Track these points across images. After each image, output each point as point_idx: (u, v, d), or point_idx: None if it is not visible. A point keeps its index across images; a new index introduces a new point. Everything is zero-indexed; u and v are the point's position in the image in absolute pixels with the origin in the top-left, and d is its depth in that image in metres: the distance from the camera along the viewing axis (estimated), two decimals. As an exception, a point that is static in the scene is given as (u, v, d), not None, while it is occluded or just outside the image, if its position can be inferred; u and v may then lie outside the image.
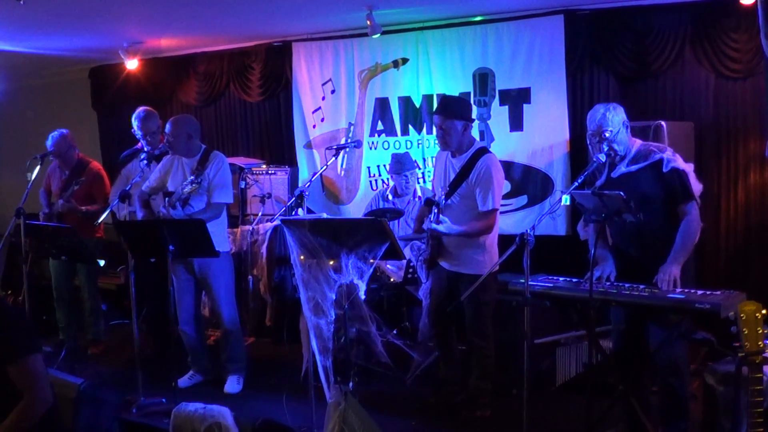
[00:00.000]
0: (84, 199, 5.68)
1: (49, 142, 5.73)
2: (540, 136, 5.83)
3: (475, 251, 4.23)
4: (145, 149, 5.45)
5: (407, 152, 6.05)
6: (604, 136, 3.56)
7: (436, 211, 4.24)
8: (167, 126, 4.91)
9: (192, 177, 4.70)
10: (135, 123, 5.53)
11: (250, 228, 6.11)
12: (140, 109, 5.62)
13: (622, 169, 3.61)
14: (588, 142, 3.72)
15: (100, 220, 4.84)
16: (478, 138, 5.99)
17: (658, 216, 3.55)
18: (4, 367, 2.68)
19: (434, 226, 4.19)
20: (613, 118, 3.56)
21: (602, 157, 3.57)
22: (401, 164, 5.60)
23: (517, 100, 5.89)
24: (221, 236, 4.90)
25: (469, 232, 4.20)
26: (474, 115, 5.96)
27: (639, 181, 3.55)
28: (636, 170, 3.57)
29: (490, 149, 5.90)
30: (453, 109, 4.28)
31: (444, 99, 4.96)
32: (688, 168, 3.58)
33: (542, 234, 4.63)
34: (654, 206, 3.53)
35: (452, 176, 4.28)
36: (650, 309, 3.43)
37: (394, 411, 4.47)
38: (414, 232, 4.87)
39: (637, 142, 3.68)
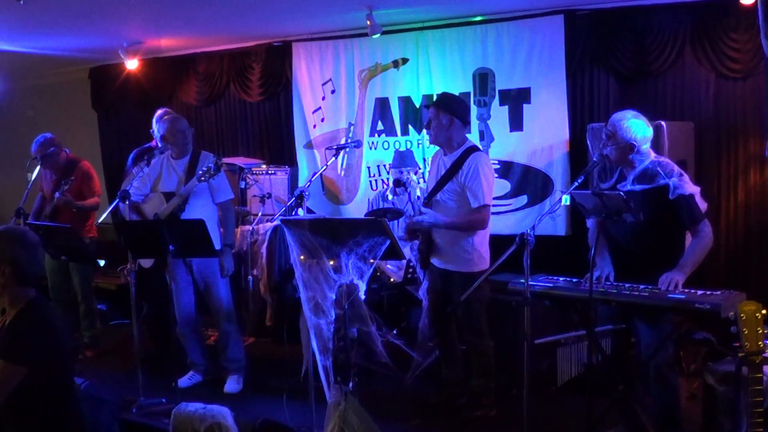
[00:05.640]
0: (74, 198, 5.67)
1: (33, 147, 5.73)
2: (540, 136, 5.82)
3: (464, 249, 4.24)
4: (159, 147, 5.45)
5: (411, 150, 6.06)
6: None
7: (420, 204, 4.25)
8: (164, 125, 4.91)
9: (210, 164, 4.68)
10: (156, 125, 5.53)
11: (250, 228, 6.11)
12: (161, 110, 5.64)
13: (628, 186, 3.57)
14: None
15: (100, 220, 4.84)
16: (478, 138, 6.02)
17: (658, 238, 3.54)
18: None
19: (417, 218, 4.19)
20: (624, 134, 3.52)
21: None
22: (402, 161, 5.62)
23: (517, 100, 5.89)
24: (217, 234, 4.90)
25: (457, 224, 4.20)
26: (474, 116, 6.03)
27: (642, 203, 3.48)
28: (640, 191, 3.52)
29: (490, 149, 6.01)
30: (443, 103, 4.34)
31: (441, 94, 4.98)
32: (695, 190, 3.52)
33: (542, 234, 4.63)
34: (655, 230, 3.51)
35: (443, 173, 4.31)
36: (650, 309, 3.43)
37: (394, 411, 4.46)
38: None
39: (649, 158, 3.58)
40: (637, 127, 3.53)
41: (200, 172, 4.69)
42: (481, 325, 4.36)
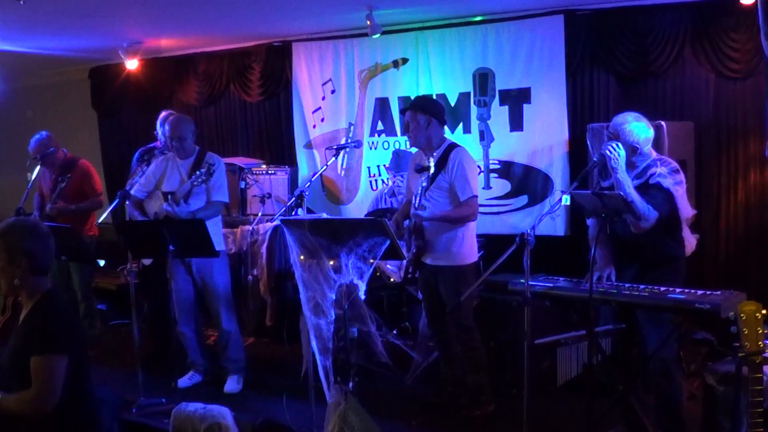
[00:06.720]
0: (75, 196, 5.67)
1: (31, 146, 5.73)
2: (540, 136, 5.82)
3: (453, 243, 4.25)
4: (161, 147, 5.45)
5: (410, 152, 6.05)
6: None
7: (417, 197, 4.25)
8: (169, 126, 4.90)
9: (203, 170, 4.69)
10: (160, 128, 5.52)
11: (250, 228, 6.10)
12: (165, 112, 5.62)
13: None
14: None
15: (100, 220, 4.84)
16: (478, 138, 6.02)
17: (656, 230, 3.54)
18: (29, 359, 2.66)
19: (419, 212, 4.19)
20: (627, 137, 3.55)
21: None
22: (398, 164, 5.62)
23: (517, 100, 5.89)
24: (217, 235, 4.90)
25: (452, 216, 4.22)
26: (474, 116, 6.04)
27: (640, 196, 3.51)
28: (638, 185, 3.55)
29: (490, 149, 6.01)
30: (419, 104, 4.40)
31: (416, 97, 5.02)
32: (675, 191, 3.55)
33: (542, 234, 4.63)
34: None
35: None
36: (650, 309, 3.43)
37: (394, 411, 4.46)
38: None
39: (650, 158, 3.63)
40: (639, 129, 3.57)
41: (194, 176, 4.69)
42: (468, 320, 4.37)
